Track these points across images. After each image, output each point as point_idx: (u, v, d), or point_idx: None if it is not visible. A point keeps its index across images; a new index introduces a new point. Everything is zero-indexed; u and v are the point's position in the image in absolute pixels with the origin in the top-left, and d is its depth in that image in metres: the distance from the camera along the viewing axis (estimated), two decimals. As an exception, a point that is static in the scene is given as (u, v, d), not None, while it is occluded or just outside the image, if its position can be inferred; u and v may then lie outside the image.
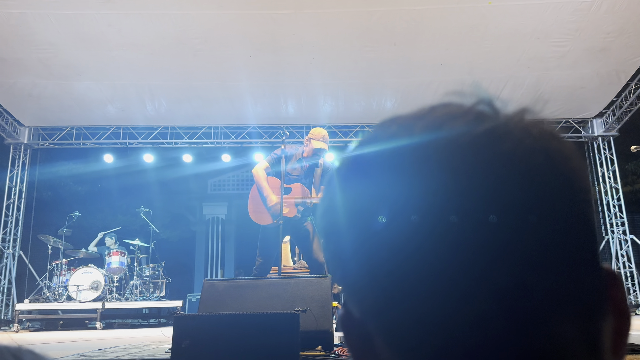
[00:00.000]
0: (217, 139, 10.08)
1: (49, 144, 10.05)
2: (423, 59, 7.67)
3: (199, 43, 7.21)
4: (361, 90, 8.80)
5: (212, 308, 2.95)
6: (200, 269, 14.11)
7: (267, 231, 4.50)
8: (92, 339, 5.53)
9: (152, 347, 3.87)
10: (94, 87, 8.39)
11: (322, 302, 3.04)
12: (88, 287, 7.98)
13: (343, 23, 6.83)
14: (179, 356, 2.14)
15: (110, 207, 13.11)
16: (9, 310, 9.34)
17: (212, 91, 8.67)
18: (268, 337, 2.21)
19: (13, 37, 6.95)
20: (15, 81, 8.13)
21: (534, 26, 6.86)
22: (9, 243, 9.61)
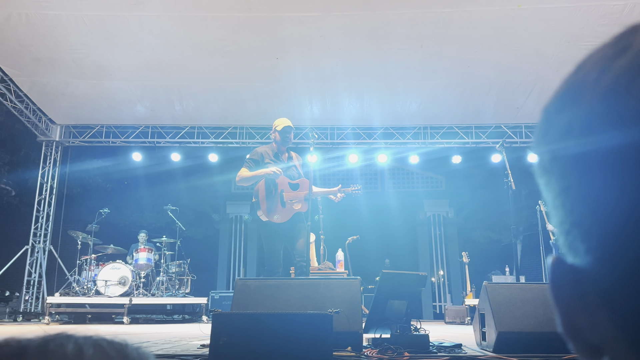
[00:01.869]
0: (242, 139, 10.20)
1: (79, 141, 10.30)
2: (450, 61, 7.66)
3: (227, 45, 7.31)
4: (386, 92, 8.82)
5: (245, 306, 3.02)
6: (223, 267, 14.26)
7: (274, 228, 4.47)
8: (122, 333, 5.66)
9: (182, 342, 3.95)
10: (124, 87, 8.57)
11: (352, 304, 3.09)
12: (116, 282, 8.15)
13: (370, 25, 6.86)
14: (217, 352, 2.21)
15: (137, 204, 13.35)
16: (39, 303, 9.60)
17: (239, 92, 8.78)
18: (302, 337, 2.26)
19: (48, 37, 7.15)
20: (49, 80, 8.36)
21: (564, 29, 6.79)
22: (40, 238, 9.88)
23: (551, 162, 0.34)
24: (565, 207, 0.33)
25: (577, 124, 0.31)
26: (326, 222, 6.42)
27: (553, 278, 0.34)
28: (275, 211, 4.42)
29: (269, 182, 4.47)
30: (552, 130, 0.34)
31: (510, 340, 3.09)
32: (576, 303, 0.32)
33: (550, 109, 0.35)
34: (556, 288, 0.34)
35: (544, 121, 0.36)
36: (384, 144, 10.35)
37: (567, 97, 0.33)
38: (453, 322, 8.82)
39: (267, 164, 4.55)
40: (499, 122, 9.89)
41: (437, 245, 14.14)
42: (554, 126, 0.34)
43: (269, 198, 4.45)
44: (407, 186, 14.50)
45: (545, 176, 0.34)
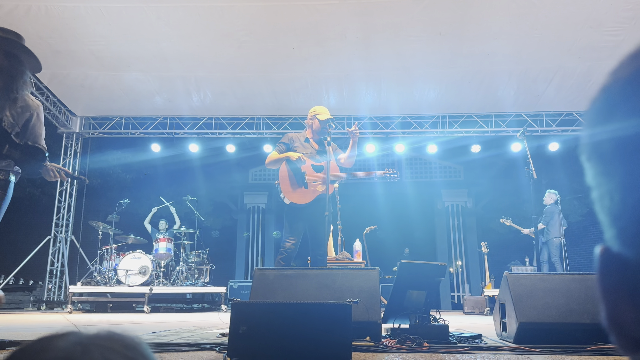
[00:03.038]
0: (259, 129, 10.22)
1: (99, 133, 10.42)
2: (469, 48, 7.54)
3: (244, 35, 7.30)
4: (404, 81, 8.73)
5: (264, 296, 3.03)
6: (241, 257, 14.38)
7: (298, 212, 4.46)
8: (142, 322, 5.75)
9: (202, 331, 3.99)
10: (142, 78, 8.63)
11: (371, 294, 3.08)
12: (136, 271, 8.27)
13: (387, 13, 6.77)
14: (237, 341, 2.22)
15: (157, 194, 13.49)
16: (62, 292, 9.79)
17: (256, 82, 8.77)
18: (321, 326, 2.26)
19: (67, 30, 7.21)
20: (68, 72, 8.45)
21: (586, 14, 6.63)
22: (62, 228, 10.05)
23: (616, 149, 0.32)
24: (616, 195, 0.32)
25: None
26: (344, 213, 6.41)
27: (600, 268, 0.33)
28: (298, 192, 4.44)
29: (292, 164, 4.48)
30: (618, 116, 0.32)
31: (531, 331, 3.05)
32: (623, 295, 0.31)
33: (615, 92, 0.34)
34: (603, 278, 0.33)
35: (604, 105, 0.34)
36: (401, 133, 10.27)
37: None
38: (472, 313, 8.77)
39: (296, 148, 4.59)
40: (519, 111, 9.73)
41: (455, 236, 14.05)
42: (621, 112, 0.32)
43: (291, 179, 4.46)
44: (425, 176, 14.39)
45: (603, 164, 0.33)
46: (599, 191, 0.33)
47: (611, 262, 0.32)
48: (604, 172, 0.32)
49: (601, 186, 0.33)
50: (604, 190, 0.33)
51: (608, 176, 0.32)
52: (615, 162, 0.31)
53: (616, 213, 0.31)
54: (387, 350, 2.73)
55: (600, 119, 0.34)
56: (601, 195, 0.33)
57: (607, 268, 0.33)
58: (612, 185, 0.32)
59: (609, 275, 0.33)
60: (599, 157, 0.33)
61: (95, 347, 0.39)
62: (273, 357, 2.21)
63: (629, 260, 0.31)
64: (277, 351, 2.21)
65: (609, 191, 0.32)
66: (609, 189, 0.32)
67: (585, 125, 0.36)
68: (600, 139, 0.33)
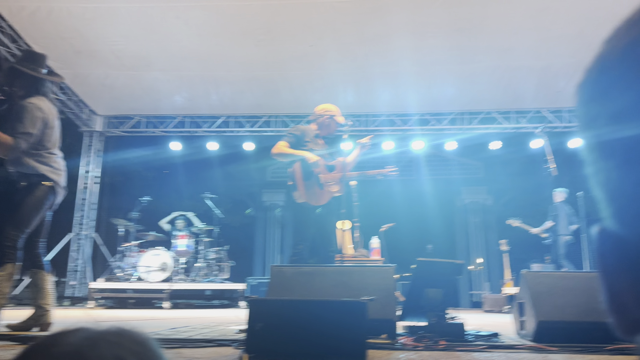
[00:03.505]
0: (277, 127, 10.26)
1: (120, 131, 10.57)
2: (488, 44, 7.46)
3: (261, 33, 7.33)
4: (422, 78, 8.67)
5: (280, 293, 3.05)
6: (259, 254, 14.47)
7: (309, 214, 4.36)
8: (163, 317, 5.83)
9: (220, 327, 4.04)
10: (162, 78, 8.73)
11: (387, 291, 3.08)
12: (157, 268, 8.37)
13: (405, 9, 6.74)
14: (254, 337, 2.24)
15: (177, 192, 13.63)
16: (84, 288, 9.97)
17: (273, 80, 8.81)
18: (337, 323, 2.27)
19: (88, 30, 7.33)
20: (90, 72, 8.59)
21: (608, 9, 6.49)
22: (84, 225, 10.23)
23: (615, 125, 0.31)
24: (614, 172, 0.31)
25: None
26: (361, 210, 6.41)
27: (598, 248, 0.33)
28: (313, 193, 4.33)
29: (306, 164, 4.33)
30: (617, 89, 0.31)
31: (550, 330, 3.02)
32: (622, 275, 0.31)
33: (612, 63, 0.33)
34: (601, 258, 0.32)
35: (600, 77, 0.34)
36: (419, 130, 10.21)
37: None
38: (491, 311, 8.69)
39: (307, 143, 4.44)
40: (539, 107, 9.60)
41: (475, 233, 13.93)
42: (620, 84, 0.31)
43: (307, 179, 4.33)
44: (444, 173, 14.29)
45: (600, 139, 0.32)
46: (594, 167, 0.32)
47: (609, 241, 0.32)
48: (601, 147, 0.31)
49: (597, 162, 0.32)
50: (600, 167, 0.32)
51: (605, 152, 0.31)
52: (614, 139, 0.30)
53: (614, 191, 0.30)
54: (404, 348, 2.74)
55: (596, 92, 0.33)
56: (597, 172, 0.32)
57: (605, 248, 0.32)
58: (611, 163, 0.31)
59: (607, 256, 0.32)
60: (596, 132, 0.32)
61: (104, 342, 0.40)
62: (289, 354, 2.23)
63: (627, 239, 0.30)
64: (293, 347, 2.23)
65: (606, 168, 0.31)
66: (606, 166, 0.31)
67: (580, 98, 0.34)
68: (597, 114, 0.32)
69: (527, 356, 2.54)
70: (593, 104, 0.32)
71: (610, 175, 0.31)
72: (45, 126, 3.46)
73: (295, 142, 4.41)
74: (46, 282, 3.49)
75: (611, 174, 0.31)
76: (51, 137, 3.54)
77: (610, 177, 0.31)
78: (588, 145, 0.33)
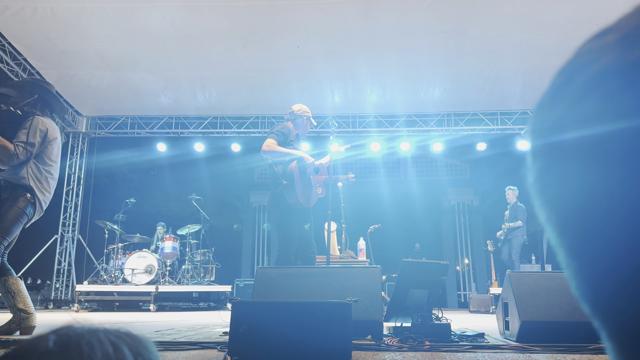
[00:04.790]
0: (264, 128, 10.23)
1: (105, 132, 10.47)
2: (474, 46, 7.51)
3: (248, 34, 7.31)
4: (409, 79, 8.71)
5: (265, 295, 3.04)
6: (247, 256, 14.41)
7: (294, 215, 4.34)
8: (148, 320, 5.78)
9: (206, 330, 4.01)
10: (147, 78, 8.66)
11: (372, 292, 3.08)
12: (142, 270, 8.31)
13: (392, 11, 6.76)
14: (237, 340, 2.23)
15: (163, 194, 13.54)
16: (69, 291, 9.86)
17: (261, 81, 8.78)
18: (321, 325, 2.26)
19: (73, 30, 7.25)
20: (74, 73, 8.50)
21: (592, 11, 6.58)
22: (69, 227, 10.12)
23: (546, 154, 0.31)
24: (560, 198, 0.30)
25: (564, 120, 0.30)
26: (348, 211, 6.41)
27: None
28: (306, 194, 4.30)
29: (302, 164, 4.30)
30: (563, 120, 0.31)
31: (533, 330, 3.04)
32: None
33: (544, 101, 0.34)
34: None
35: (539, 112, 0.34)
36: (406, 131, 10.25)
37: (552, 93, 0.33)
38: (477, 311, 8.75)
39: (292, 142, 4.42)
40: (525, 108, 9.69)
41: (461, 234, 14.01)
42: (565, 116, 0.31)
43: (303, 179, 4.30)
44: (431, 174, 14.35)
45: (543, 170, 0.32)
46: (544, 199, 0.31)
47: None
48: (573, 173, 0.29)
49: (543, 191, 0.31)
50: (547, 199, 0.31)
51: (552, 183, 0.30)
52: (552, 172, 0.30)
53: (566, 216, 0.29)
54: (388, 348, 2.73)
55: (565, 103, 0.31)
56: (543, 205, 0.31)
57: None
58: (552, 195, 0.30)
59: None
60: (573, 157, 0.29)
61: (102, 330, 0.44)
62: (273, 356, 2.22)
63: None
64: (277, 350, 2.22)
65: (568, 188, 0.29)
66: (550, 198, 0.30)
67: (543, 114, 0.33)
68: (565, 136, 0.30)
69: (511, 356, 2.56)
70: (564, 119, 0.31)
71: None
72: (45, 141, 3.58)
73: (282, 140, 4.36)
74: (19, 285, 3.45)
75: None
76: (51, 154, 3.64)
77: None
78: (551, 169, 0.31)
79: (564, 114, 0.30)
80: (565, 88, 0.31)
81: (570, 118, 0.29)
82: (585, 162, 0.28)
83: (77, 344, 0.41)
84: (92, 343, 0.42)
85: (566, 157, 0.30)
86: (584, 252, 0.29)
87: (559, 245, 0.30)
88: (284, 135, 4.36)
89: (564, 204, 0.30)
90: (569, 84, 0.30)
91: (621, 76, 0.27)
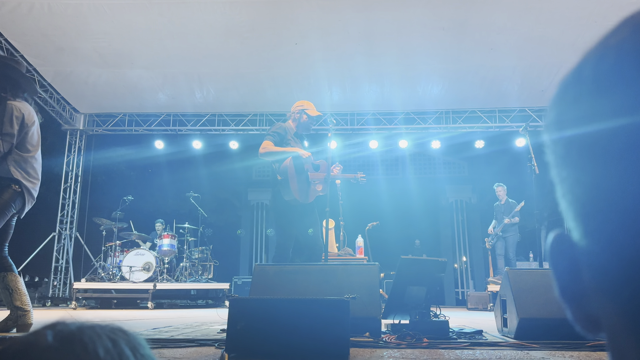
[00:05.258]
0: (262, 125, 10.21)
1: (103, 130, 10.45)
2: (472, 43, 7.50)
3: (246, 31, 7.29)
4: (407, 77, 8.70)
5: (263, 292, 3.03)
6: (245, 253, 14.41)
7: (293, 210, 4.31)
8: (145, 318, 5.77)
9: (204, 327, 4.00)
10: (145, 75, 8.64)
11: (370, 290, 3.08)
12: (140, 268, 8.29)
13: (390, 8, 6.75)
14: (235, 337, 2.22)
15: (160, 191, 13.50)
16: (66, 288, 9.84)
17: (259, 79, 8.77)
18: (319, 322, 2.26)
19: (70, 27, 7.22)
20: (72, 70, 8.47)
21: (590, 9, 6.58)
22: (66, 225, 10.10)
23: (566, 149, 0.32)
24: (572, 191, 0.31)
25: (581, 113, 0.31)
26: (346, 208, 6.41)
27: (552, 250, 0.34)
28: (303, 191, 4.29)
29: (298, 160, 4.30)
30: (565, 117, 0.33)
31: (531, 327, 3.04)
32: (573, 277, 0.32)
33: (561, 96, 0.34)
34: (554, 259, 0.34)
35: (557, 107, 0.35)
36: (404, 129, 10.24)
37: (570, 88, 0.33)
38: (475, 309, 8.75)
39: (289, 141, 4.40)
40: (523, 106, 9.69)
41: (459, 231, 14.02)
42: (567, 114, 0.33)
43: (299, 176, 4.28)
44: (429, 172, 14.36)
45: (560, 163, 0.33)
46: (565, 183, 0.32)
47: (563, 246, 0.33)
48: (574, 162, 0.31)
49: (563, 183, 0.32)
50: (566, 188, 0.32)
51: (577, 168, 0.31)
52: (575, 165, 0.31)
53: (581, 209, 0.30)
54: (386, 345, 2.73)
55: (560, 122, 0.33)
56: (564, 193, 0.32)
57: (559, 251, 0.33)
58: (572, 185, 0.31)
59: (560, 259, 0.33)
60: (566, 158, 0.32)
61: (99, 326, 0.43)
62: (271, 353, 2.21)
63: (579, 248, 0.31)
64: (275, 347, 2.21)
65: (575, 183, 0.31)
66: (569, 188, 0.31)
67: (557, 110, 0.34)
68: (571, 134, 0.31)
69: (509, 353, 2.56)
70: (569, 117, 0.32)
71: (581, 192, 0.30)
72: (24, 128, 3.40)
73: (279, 140, 4.36)
74: (18, 283, 3.43)
75: (582, 191, 0.30)
76: (32, 139, 3.49)
77: (582, 193, 0.30)
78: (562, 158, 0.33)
79: (565, 111, 0.32)
80: (569, 86, 0.33)
81: (571, 115, 0.31)
82: (587, 158, 0.29)
83: (79, 339, 0.41)
84: (93, 338, 0.41)
85: (570, 152, 0.31)
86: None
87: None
88: (279, 136, 4.37)
89: (574, 198, 0.31)
90: (573, 82, 0.32)
91: (615, 73, 0.28)
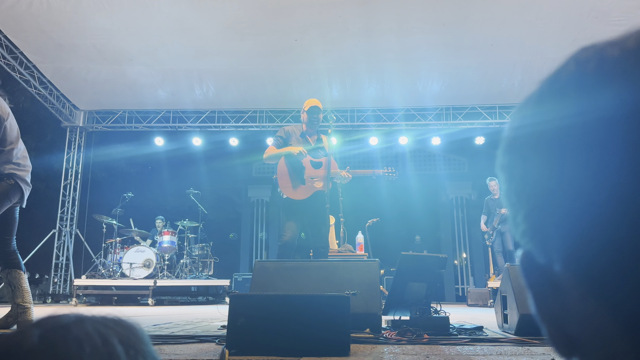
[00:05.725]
0: (262, 122, 10.20)
1: (102, 127, 10.43)
2: (473, 40, 7.48)
3: (245, 27, 7.27)
4: (407, 73, 8.68)
5: (263, 288, 3.03)
6: (245, 250, 14.42)
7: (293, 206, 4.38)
8: (146, 314, 5.77)
9: (204, 323, 4.01)
10: (145, 72, 8.62)
11: (371, 286, 3.08)
12: (140, 264, 8.30)
13: (390, 4, 6.73)
14: (235, 333, 2.22)
15: (160, 188, 13.50)
16: (67, 285, 9.85)
17: (258, 75, 8.75)
18: (319, 318, 2.26)
19: (69, 24, 7.20)
20: (71, 66, 8.45)
21: (591, 4, 6.56)
22: (67, 222, 10.10)
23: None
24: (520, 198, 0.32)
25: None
26: (346, 205, 6.39)
27: (523, 269, 0.33)
28: (295, 187, 4.36)
29: (291, 158, 4.41)
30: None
31: (532, 323, 3.04)
32: (549, 291, 0.31)
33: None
34: (526, 278, 0.33)
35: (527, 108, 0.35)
36: (404, 125, 10.23)
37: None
38: (475, 305, 8.76)
39: (292, 143, 4.52)
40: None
41: (459, 228, 14.03)
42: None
43: (290, 174, 4.39)
44: (429, 168, 14.35)
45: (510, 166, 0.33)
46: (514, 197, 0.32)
47: (533, 265, 0.32)
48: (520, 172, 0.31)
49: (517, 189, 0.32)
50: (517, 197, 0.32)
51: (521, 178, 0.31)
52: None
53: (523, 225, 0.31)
54: (387, 341, 2.73)
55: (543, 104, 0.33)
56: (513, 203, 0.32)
57: (530, 270, 0.32)
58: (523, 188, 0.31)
59: (532, 275, 0.32)
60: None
61: (89, 320, 0.42)
62: (271, 349, 2.21)
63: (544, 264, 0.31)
64: (275, 343, 2.21)
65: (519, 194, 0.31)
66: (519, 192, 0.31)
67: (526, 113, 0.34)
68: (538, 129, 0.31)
69: (510, 349, 2.55)
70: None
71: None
72: (1, 124, 3.31)
73: (282, 144, 4.53)
74: (21, 280, 3.43)
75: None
76: (11, 133, 3.39)
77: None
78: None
79: (533, 113, 0.33)
80: (540, 93, 0.34)
81: (537, 116, 0.32)
82: (544, 154, 0.30)
83: (63, 338, 0.39)
84: (79, 337, 0.39)
85: (528, 149, 0.31)
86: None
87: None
88: (282, 139, 4.56)
89: (527, 196, 0.31)
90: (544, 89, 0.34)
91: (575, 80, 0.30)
